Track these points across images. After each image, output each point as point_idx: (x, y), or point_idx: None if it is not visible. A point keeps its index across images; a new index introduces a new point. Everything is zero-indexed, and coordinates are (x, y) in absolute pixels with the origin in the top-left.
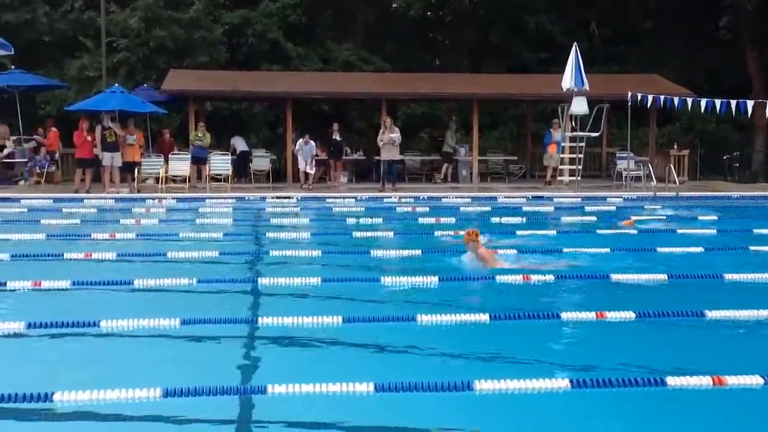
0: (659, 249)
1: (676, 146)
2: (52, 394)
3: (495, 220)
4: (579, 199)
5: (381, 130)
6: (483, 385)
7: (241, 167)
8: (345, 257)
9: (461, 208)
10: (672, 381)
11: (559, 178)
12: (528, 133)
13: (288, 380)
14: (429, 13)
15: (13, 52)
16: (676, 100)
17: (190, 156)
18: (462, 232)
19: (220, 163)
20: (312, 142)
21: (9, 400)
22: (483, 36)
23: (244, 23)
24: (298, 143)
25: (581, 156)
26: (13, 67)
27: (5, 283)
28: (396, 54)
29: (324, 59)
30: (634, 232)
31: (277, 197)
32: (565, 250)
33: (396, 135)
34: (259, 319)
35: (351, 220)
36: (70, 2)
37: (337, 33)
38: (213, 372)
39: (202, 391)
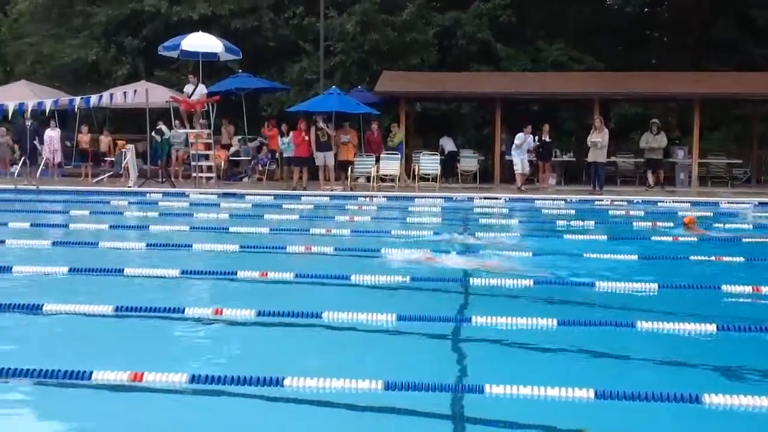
0: None
1: None
2: (283, 379)
3: (717, 225)
4: None
5: (591, 131)
6: (713, 399)
7: (449, 167)
8: (556, 259)
9: (679, 213)
10: None
11: None
12: (754, 135)
13: (501, 381)
14: (646, 9)
15: (241, 57)
16: None
17: (400, 155)
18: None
19: (428, 162)
20: (531, 136)
21: (242, 383)
22: (705, 32)
23: (454, 25)
24: (518, 136)
25: None
26: (240, 70)
27: (236, 272)
28: (609, 52)
29: (533, 59)
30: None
31: (485, 197)
32: None
33: (598, 138)
34: (473, 318)
35: (561, 223)
36: (292, 9)
37: (548, 32)
38: (427, 368)
39: (420, 386)
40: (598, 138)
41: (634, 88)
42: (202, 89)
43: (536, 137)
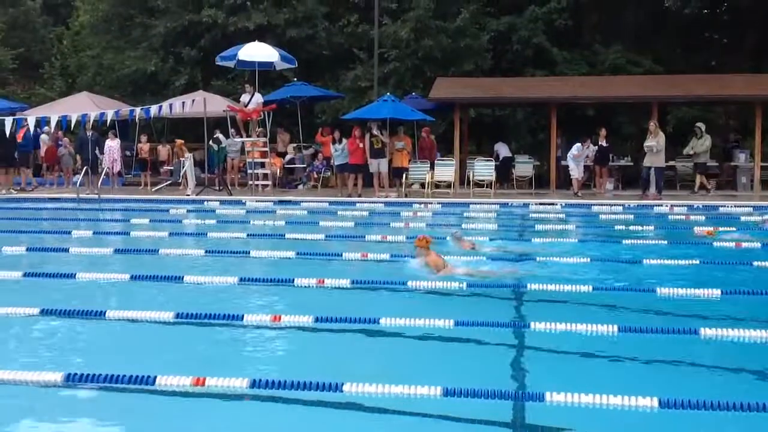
0: None
1: None
2: (342, 384)
3: None
4: None
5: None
6: None
7: (504, 173)
8: (615, 265)
9: (742, 218)
10: None
11: None
12: None
13: (562, 388)
14: (705, 10)
15: (296, 66)
16: None
17: (454, 162)
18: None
19: (483, 169)
20: (592, 146)
21: (302, 388)
22: (766, 33)
23: (509, 29)
24: (575, 147)
25: None
26: (295, 79)
27: (293, 280)
28: (667, 55)
29: (590, 63)
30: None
31: (541, 203)
32: None
33: (653, 142)
34: (531, 324)
35: (619, 228)
36: (346, 17)
37: (605, 35)
38: (486, 375)
39: (480, 393)
40: (653, 142)
41: (693, 91)
42: (258, 98)
43: (592, 141)
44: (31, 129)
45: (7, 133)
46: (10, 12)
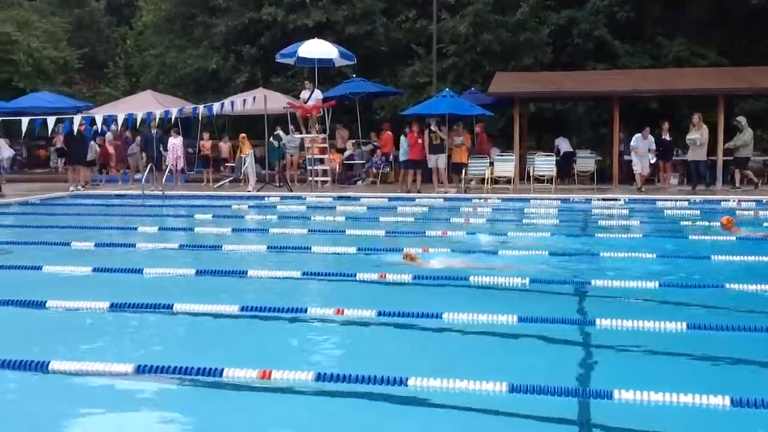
0: None
1: None
2: (407, 379)
3: None
4: None
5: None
6: None
7: (565, 168)
8: (681, 261)
9: None
10: None
11: None
12: None
13: (629, 386)
14: None
15: (355, 62)
16: None
17: (514, 157)
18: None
19: (544, 164)
20: (651, 137)
21: (367, 382)
22: None
23: (569, 23)
24: (634, 138)
25: None
26: (354, 75)
27: (354, 274)
28: (733, 46)
29: (652, 56)
30: None
31: (604, 199)
32: None
33: (696, 135)
34: (597, 320)
35: (685, 224)
36: (404, 13)
37: (668, 27)
38: (550, 371)
39: (546, 390)
40: (696, 135)
41: (760, 84)
42: (317, 95)
43: (654, 135)
44: (99, 127)
45: (75, 131)
46: (75, 13)
